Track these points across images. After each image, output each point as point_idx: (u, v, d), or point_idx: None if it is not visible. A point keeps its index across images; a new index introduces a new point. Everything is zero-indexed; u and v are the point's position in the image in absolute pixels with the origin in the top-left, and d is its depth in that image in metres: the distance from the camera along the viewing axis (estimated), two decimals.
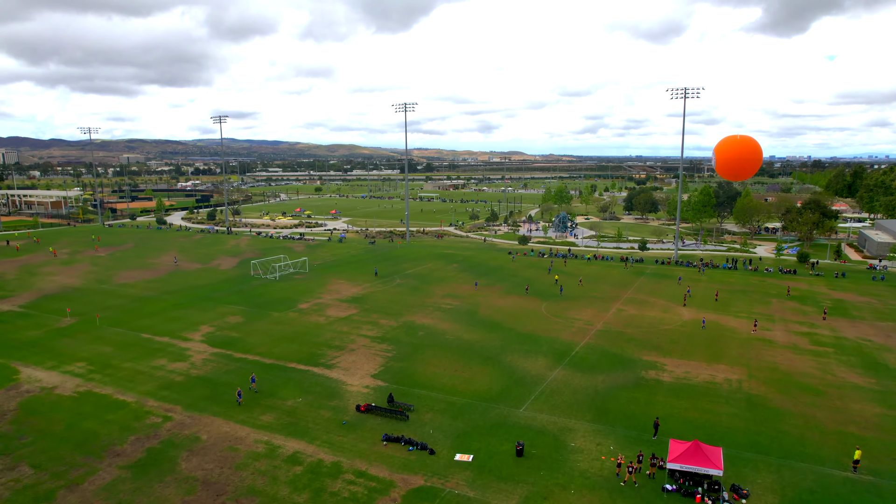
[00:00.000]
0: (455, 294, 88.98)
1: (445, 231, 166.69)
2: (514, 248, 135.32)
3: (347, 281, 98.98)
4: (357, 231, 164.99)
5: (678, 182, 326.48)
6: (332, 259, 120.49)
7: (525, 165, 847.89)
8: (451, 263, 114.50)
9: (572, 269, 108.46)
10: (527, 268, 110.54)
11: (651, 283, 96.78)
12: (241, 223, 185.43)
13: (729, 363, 59.27)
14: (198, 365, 59.25)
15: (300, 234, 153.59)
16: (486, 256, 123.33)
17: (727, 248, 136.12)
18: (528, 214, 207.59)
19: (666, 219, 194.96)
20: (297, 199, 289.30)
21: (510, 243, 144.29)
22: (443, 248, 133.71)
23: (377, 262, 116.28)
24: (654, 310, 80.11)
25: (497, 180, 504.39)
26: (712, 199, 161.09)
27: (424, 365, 59.04)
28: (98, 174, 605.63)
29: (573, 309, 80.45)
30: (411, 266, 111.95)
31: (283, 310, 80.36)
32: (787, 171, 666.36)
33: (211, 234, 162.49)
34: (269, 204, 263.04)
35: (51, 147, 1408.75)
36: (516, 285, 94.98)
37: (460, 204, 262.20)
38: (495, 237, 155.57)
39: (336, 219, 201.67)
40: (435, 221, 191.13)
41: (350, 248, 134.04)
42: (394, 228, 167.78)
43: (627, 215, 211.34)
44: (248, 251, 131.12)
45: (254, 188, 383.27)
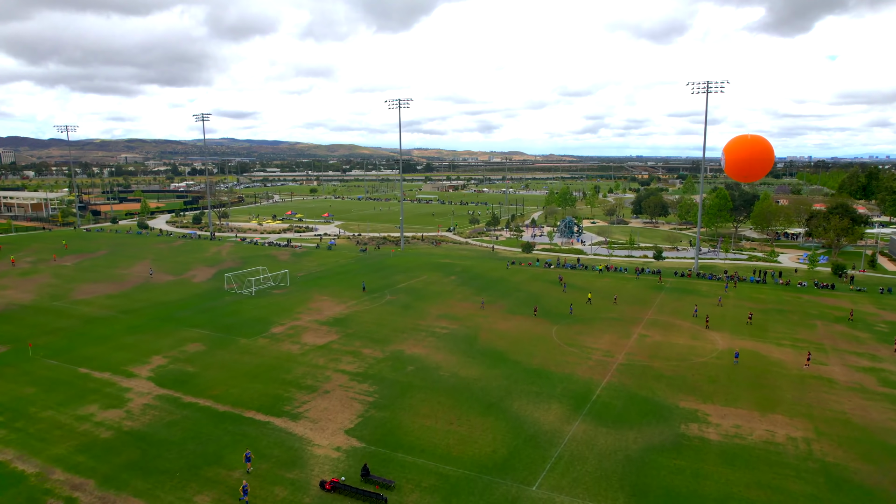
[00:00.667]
0: (452, 314, 77.72)
1: (443, 237, 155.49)
2: (517, 256, 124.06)
3: (331, 297, 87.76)
4: (349, 237, 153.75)
5: (683, 183, 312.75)
6: (318, 270, 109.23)
7: (525, 166, 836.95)
8: (448, 275, 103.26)
9: (582, 282, 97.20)
10: (532, 280, 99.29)
11: (673, 301, 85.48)
12: (227, 227, 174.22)
13: (786, 412, 48.03)
14: (135, 414, 48.03)
15: (287, 241, 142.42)
16: (486, 267, 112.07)
17: (748, 257, 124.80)
18: (531, 218, 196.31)
19: (677, 223, 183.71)
20: (291, 202, 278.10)
21: (513, 251, 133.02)
22: (440, 257, 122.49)
23: (367, 273, 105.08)
24: (682, 335, 68.85)
25: (497, 181, 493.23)
26: (728, 202, 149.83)
27: (412, 414, 47.84)
28: (93, 174, 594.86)
29: (588, 334, 69.23)
30: (404, 278, 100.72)
31: (253, 335, 69.14)
32: (790, 171, 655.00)
33: (193, 239, 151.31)
34: (261, 206, 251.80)
35: (50, 147, 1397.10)
36: (521, 302, 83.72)
37: (459, 206, 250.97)
38: (497, 243, 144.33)
39: (328, 222, 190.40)
40: (432, 226, 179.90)
41: (339, 257, 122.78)
42: (388, 234, 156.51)
43: (635, 219, 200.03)
44: (229, 260, 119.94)
45: (248, 189, 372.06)
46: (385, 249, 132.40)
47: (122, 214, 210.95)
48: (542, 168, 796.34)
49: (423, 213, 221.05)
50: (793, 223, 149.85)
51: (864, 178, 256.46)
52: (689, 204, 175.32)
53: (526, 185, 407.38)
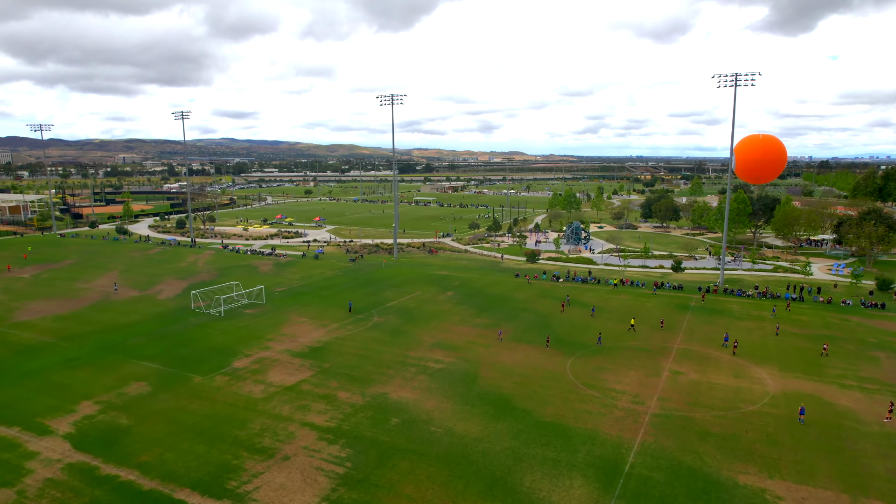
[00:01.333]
0: (448, 342, 66.27)
1: (441, 244, 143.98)
2: (522, 267, 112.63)
3: (311, 318, 76.32)
4: (339, 244, 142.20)
5: (690, 184, 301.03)
6: (300, 283, 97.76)
7: (526, 166, 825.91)
8: (444, 291, 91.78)
9: (596, 300, 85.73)
10: (539, 297, 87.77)
11: (702, 325, 74.00)
12: (211, 232, 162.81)
13: (885, 496, 36.57)
14: (29, 497, 36.63)
15: (271, 249, 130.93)
16: (487, 280, 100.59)
17: (773, 268, 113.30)
18: (534, 223, 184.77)
19: (689, 228, 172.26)
20: (283, 204, 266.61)
21: (517, 261, 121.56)
22: (436, 269, 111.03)
23: (354, 288, 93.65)
24: (722, 372, 57.37)
25: (498, 181, 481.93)
26: (748, 206, 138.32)
27: (394, 496, 36.42)
28: (87, 174, 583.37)
29: (610, 370, 57.78)
30: (396, 294, 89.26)
31: (211, 370, 57.74)
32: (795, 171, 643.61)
33: (172, 246, 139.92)
34: (251, 209, 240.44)
35: (49, 147, 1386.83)
36: (529, 326, 72.26)
37: (459, 209, 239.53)
38: (499, 251, 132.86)
39: (320, 226, 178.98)
40: (430, 230, 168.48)
41: (325, 268, 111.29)
42: (381, 242, 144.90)
43: (644, 223, 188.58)
44: (204, 271, 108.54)
45: (242, 190, 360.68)
46: (377, 259, 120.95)
47: (105, 218, 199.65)
48: (542, 168, 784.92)
49: (420, 216, 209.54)
50: (817, 229, 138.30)
51: (880, 179, 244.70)
52: (702, 207, 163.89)
53: (527, 186, 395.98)
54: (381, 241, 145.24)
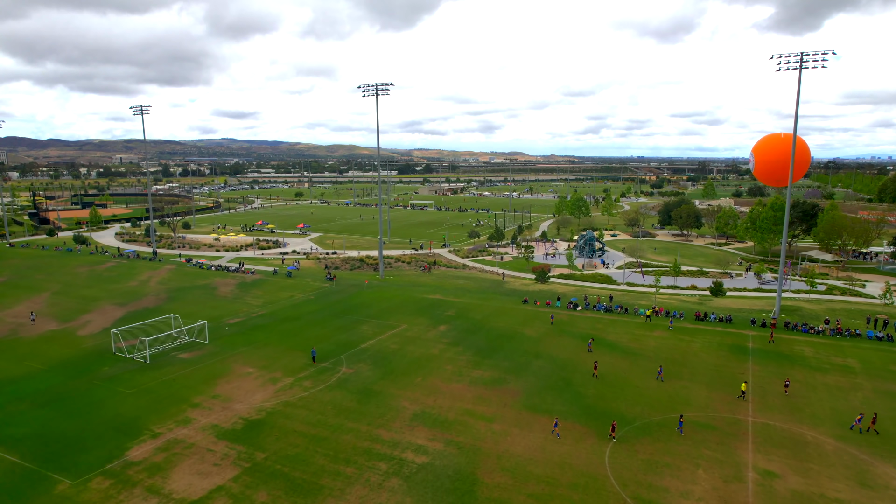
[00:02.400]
0: (436, 413, 47.88)
1: (436, 256, 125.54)
2: (530, 289, 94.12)
3: (260, 369, 57.96)
4: (320, 257, 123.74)
5: (703, 185, 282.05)
6: (261, 312, 79.32)
7: (527, 167, 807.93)
8: (436, 324, 73.32)
9: (627, 338, 67.29)
10: (555, 334, 69.29)
11: (774, 378, 55.51)
12: (182, 241, 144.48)
13: None
14: None
15: (239, 263, 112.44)
16: (490, 308, 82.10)
17: (827, 288, 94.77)
18: (541, 230, 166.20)
19: (712, 236, 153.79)
20: (269, 208, 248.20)
21: (523, 279, 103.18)
22: (428, 290, 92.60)
23: (325, 319, 75.24)
24: (835, 471, 38.91)
25: (499, 183, 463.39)
26: None
27: None
28: (79, 175, 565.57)
29: (668, 466, 39.35)
30: (375, 329, 70.85)
31: (91, 467, 39.46)
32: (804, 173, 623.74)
33: (130, 259, 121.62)
34: (235, 214, 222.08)
35: (48, 147, 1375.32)
36: (545, 384, 53.80)
37: (457, 213, 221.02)
38: (502, 265, 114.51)
39: (304, 234, 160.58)
40: (424, 238, 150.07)
41: (296, 290, 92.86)
42: (367, 255, 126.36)
43: (660, 229, 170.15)
44: (153, 294, 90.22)
45: (231, 192, 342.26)
46: (360, 277, 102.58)
47: (73, 223, 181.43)
48: (544, 169, 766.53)
49: (415, 222, 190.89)
50: (869, 240, 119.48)
51: None
52: (728, 214, 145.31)
53: (530, 187, 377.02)
54: (368, 253, 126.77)
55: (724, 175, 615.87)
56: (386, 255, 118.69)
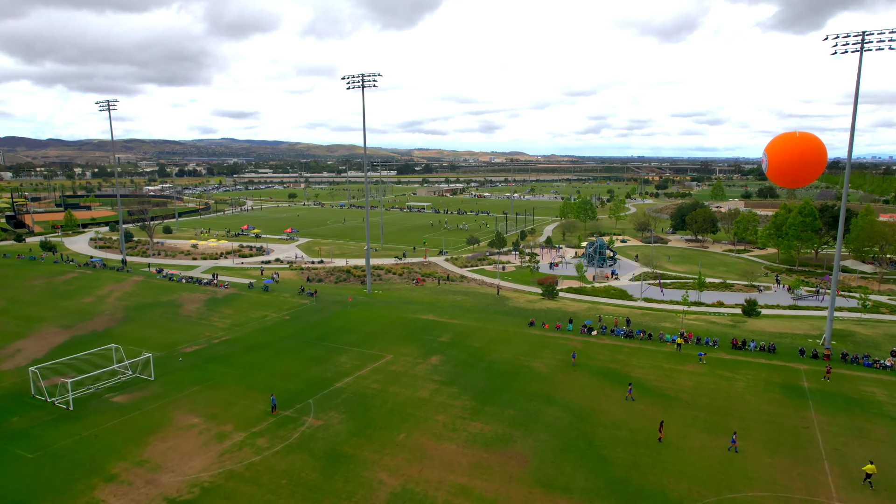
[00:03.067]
0: (423, 492, 36.39)
1: (432, 266, 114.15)
2: (536, 308, 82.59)
3: (207, 420, 46.50)
4: (304, 267, 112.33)
5: (712, 186, 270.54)
6: (224, 338, 67.87)
7: (528, 167, 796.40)
8: (427, 354, 61.87)
9: (654, 375, 55.86)
10: (569, 367, 57.85)
11: (849, 435, 44.07)
12: (159, 248, 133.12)
13: None
14: None
15: (213, 275, 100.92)
16: (490, 332, 70.62)
17: (871, 305, 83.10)
18: (545, 236, 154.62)
19: (728, 242, 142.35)
20: (259, 210, 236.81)
21: (528, 294, 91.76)
22: (420, 308, 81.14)
23: (297, 348, 63.79)
24: None
25: (500, 183, 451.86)
26: (816, 220, 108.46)
27: None
28: (73, 175, 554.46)
29: None
30: (354, 362, 59.42)
31: None
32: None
33: (96, 269, 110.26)
34: (222, 217, 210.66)
35: (48, 147, 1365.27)
36: (564, 443, 42.28)
37: (456, 216, 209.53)
38: (504, 277, 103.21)
39: (291, 239, 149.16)
40: (420, 244, 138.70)
41: (270, 308, 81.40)
42: (354, 266, 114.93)
43: (671, 234, 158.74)
44: (108, 313, 78.84)
45: (224, 193, 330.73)
46: (344, 291, 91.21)
47: (49, 227, 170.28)
48: (544, 169, 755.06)
49: (410, 225, 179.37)
50: None
51: None
52: (748, 219, 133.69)
53: (531, 188, 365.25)
54: (357, 262, 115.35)
55: (728, 175, 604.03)
56: (375, 266, 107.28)
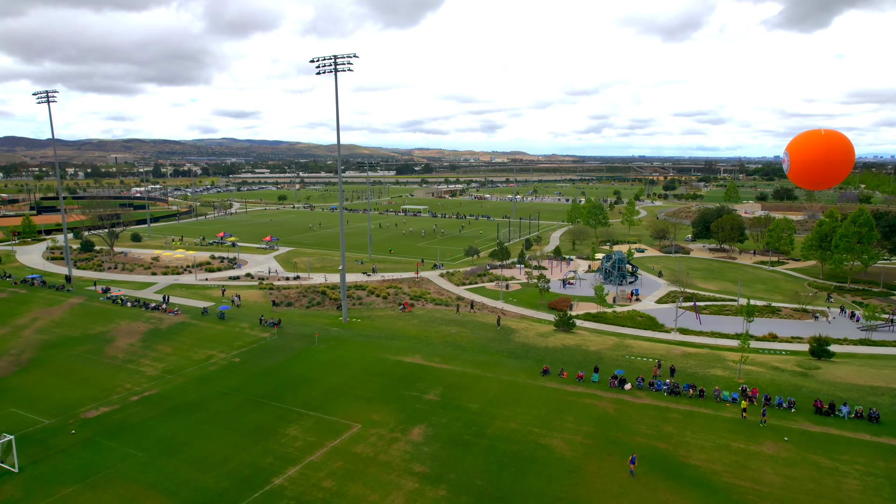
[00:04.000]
0: None
1: (423, 283, 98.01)
2: (550, 345, 66.20)
3: None
4: (274, 286, 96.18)
5: (726, 188, 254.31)
6: (147, 393, 51.62)
7: (530, 167, 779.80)
8: (408, 423, 45.58)
9: (732, 469, 39.70)
10: (602, 451, 41.70)
11: None
12: (119, 260, 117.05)
13: None
14: None
15: (163, 299, 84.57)
16: (492, 385, 54.33)
17: None
18: (553, 245, 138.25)
19: (758, 252, 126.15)
20: (245, 214, 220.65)
21: (538, 323, 75.52)
22: (405, 345, 64.94)
23: (235, 413, 47.51)
24: None
25: (500, 184, 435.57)
26: (874, 230, 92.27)
27: None
28: (64, 176, 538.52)
29: None
30: (307, 437, 43.13)
31: None
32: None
33: (34, 287, 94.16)
34: (203, 221, 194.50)
35: (47, 147, 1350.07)
36: None
37: (455, 220, 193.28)
38: (508, 297, 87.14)
39: (271, 248, 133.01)
40: (413, 255, 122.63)
41: (221, 343, 65.19)
42: (330, 287, 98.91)
43: (690, 241, 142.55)
44: (14, 353, 62.68)
45: (212, 195, 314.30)
46: (315, 319, 75.10)
47: (9, 233, 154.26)
48: (546, 169, 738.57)
49: (404, 232, 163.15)
50: None
51: None
52: (783, 226, 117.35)
53: (534, 189, 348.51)
54: (328, 287, 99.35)
55: (734, 176, 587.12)
56: (356, 286, 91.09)
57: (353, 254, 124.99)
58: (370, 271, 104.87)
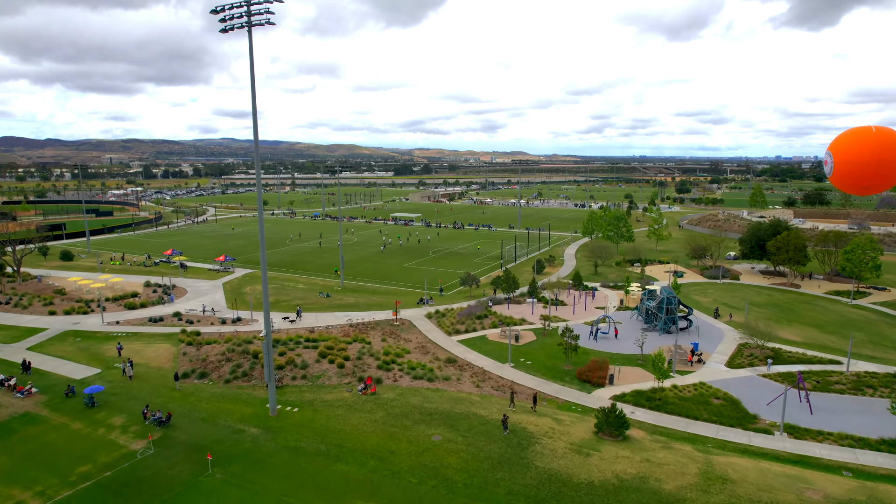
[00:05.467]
0: None
1: (404, 328, 72.27)
2: (591, 474, 40.29)
3: None
4: (199, 335, 70.26)
5: (751, 192, 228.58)
6: None
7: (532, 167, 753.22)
8: None
9: None
10: None
11: None
12: (29, 287, 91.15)
13: None
14: None
15: (23, 364, 58.45)
16: None
17: None
18: (570, 267, 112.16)
19: (823, 276, 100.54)
20: (216, 223, 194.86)
21: (567, 411, 49.71)
22: (350, 476, 39.13)
23: None
24: None
25: (502, 186, 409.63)
26: None
27: None
28: (49, 176, 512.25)
29: None
30: None
31: None
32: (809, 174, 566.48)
33: None
34: (162, 232, 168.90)
35: (45, 147, 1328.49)
36: None
37: (452, 232, 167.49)
38: (517, 353, 61.46)
39: (226, 271, 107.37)
40: (394, 279, 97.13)
41: (56, 470, 39.36)
42: (286, 335, 73.16)
43: (733, 260, 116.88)
44: None
45: (190, 199, 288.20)
46: (230, 410, 49.31)
47: None
48: (548, 170, 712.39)
49: (387, 252, 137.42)
50: None
51: None
52: (865, 245, 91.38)
53: (538, 193, 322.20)
54: (299, 324, 73.62)
55: (744, 177, 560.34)
56: (304, 340, 65.12)
57: (321, 280, 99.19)
58: (294, 318, 78.96)
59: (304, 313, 76.78)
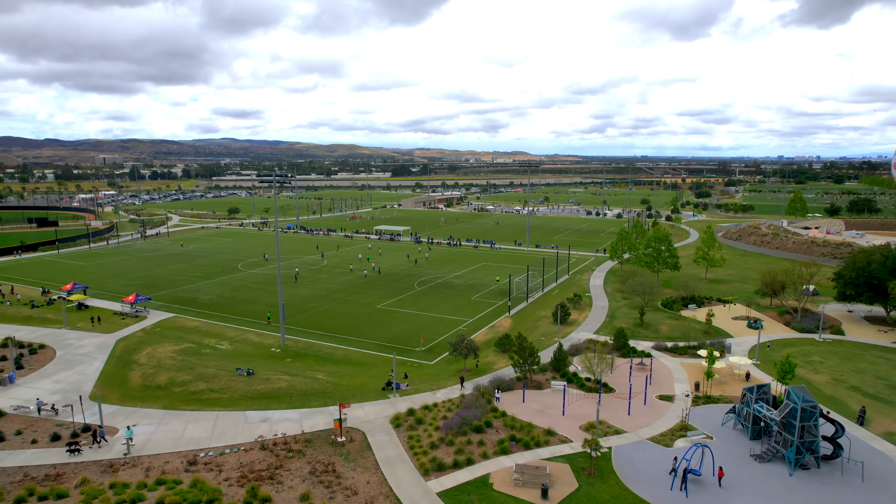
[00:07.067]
0: None
1: (345, 464, 41.96)
2: None
3: None
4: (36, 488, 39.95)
5: (790, 198, 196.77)
6: None
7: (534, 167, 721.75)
8: None
9: None
10: None
11: None
12: None
13: None
14: None
15: None
16: None
17: None
18: (604, 318, 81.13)
19: None
20: (167, 238, 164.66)
21: None
22: None
23: None
24: None
25: (504, 188, 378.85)
26: None
27: None
28: (30, 178, 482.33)
29: None
30: None
31: None
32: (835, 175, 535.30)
33: None
34: (96, 250, 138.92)
35: (44, 147, 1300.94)
36: None
37: (447, 250, 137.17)
38: None
39: (135, 316, 77.41)
40: (357, 334, 67.44)
41: None
42: (201, 458, 42.50)
43: (814, 298, 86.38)
44: None
45: (161, 204, 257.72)
46: None
47: None
48: (550, 170, 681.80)
49: (354, 290, 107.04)
50: None
51: None
52: None
53: (545, 197, 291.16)
54: (121, 456, 43.65)
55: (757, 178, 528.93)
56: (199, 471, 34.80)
57: (258, 334, 68.96)
58: (393, 388, 48.70)
59: (194, 412, 46.78)
